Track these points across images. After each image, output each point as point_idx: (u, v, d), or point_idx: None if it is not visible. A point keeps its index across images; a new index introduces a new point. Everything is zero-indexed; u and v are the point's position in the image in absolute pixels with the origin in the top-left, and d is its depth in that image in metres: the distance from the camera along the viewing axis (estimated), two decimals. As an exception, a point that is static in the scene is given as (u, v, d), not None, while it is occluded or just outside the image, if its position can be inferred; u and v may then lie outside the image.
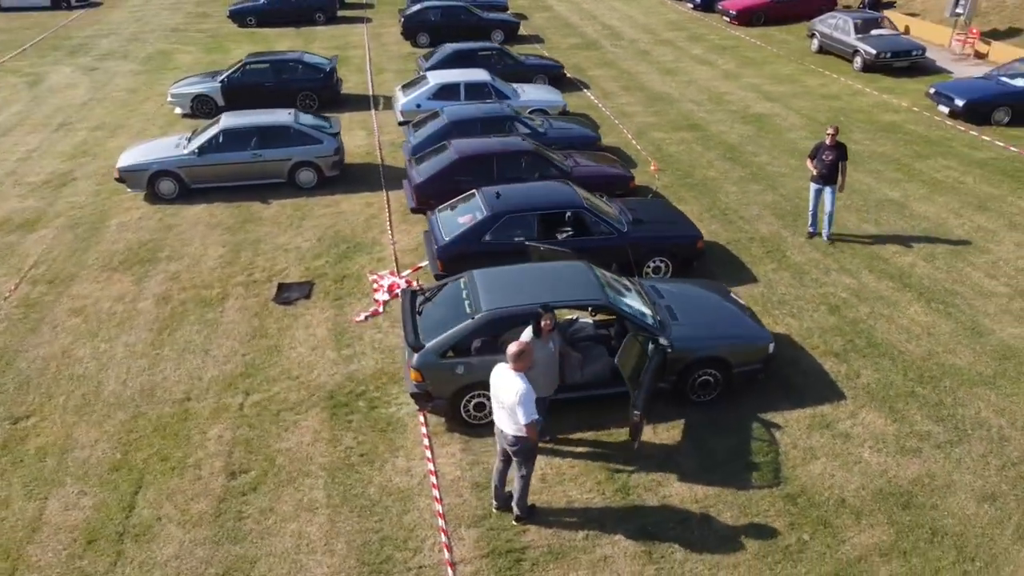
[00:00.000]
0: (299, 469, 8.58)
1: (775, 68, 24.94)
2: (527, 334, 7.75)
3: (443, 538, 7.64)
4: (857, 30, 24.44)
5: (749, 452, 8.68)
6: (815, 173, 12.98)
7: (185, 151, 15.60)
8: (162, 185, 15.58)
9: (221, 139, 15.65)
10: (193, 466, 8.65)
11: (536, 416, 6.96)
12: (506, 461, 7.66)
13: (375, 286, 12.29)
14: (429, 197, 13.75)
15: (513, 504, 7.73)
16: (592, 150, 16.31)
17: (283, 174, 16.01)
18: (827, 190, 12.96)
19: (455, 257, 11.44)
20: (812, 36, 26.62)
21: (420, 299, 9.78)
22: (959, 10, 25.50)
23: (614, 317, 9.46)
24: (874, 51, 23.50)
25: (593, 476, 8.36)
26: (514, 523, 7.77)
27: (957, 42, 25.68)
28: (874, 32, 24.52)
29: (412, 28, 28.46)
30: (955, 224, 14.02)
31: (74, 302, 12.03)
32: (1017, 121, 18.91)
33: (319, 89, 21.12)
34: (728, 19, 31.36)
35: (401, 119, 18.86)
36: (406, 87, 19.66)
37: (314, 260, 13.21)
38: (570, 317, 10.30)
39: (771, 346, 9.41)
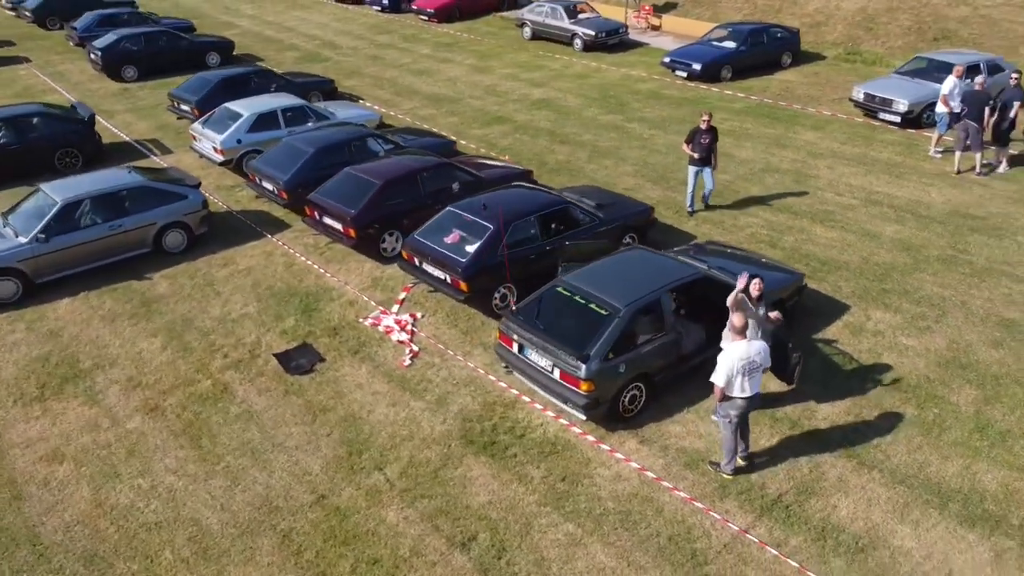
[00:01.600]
0: (522, 512, 8.22)
1: (513, 57, 26.95)
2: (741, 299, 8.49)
3: (715, 516, 8.09)
4: (569, 16, 27.45)
5: (839, 365, 10.38)
6: (696, 157, 14.10)
7: (24, 239, 12.50)
8: (1, 287, 12.35)
9: (65, 217, 12.83)
10: (415, 555, 7.78)
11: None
12: (741, 426, 8.35)
13: (384, 329, 11.52)
14: (367, 227, 13.08)
15: (727, 459, 8.50)
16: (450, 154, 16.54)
17: (148, 242, 13.67)
18: (706, 171, 14.44)
19: (479, 274, 11.27)
20: (523, 25, 29.14)
21: (527, 318, 9.69)
22: (629, -9, 29.95)
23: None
24: (593, 32, 26.71)
25: (759, 423, 9.34)
26: (733, 474, 8.52)
27: (635, 19, 30.14)
28: (582, 16, 27.78)
29: (114, 62, 24.90)
30: (776, 161, 17.27)
31: (33, 450, 9.37)
32: (736, 76, 23.30)
33: (81, 144, 17.87)
34: (426, 17, 32.64)
35: (222, 159, 17.00)
36: (208, 124, 17.63)
37: (279, 323, 11.81)
38: None
39: (804, 279, 11.20)
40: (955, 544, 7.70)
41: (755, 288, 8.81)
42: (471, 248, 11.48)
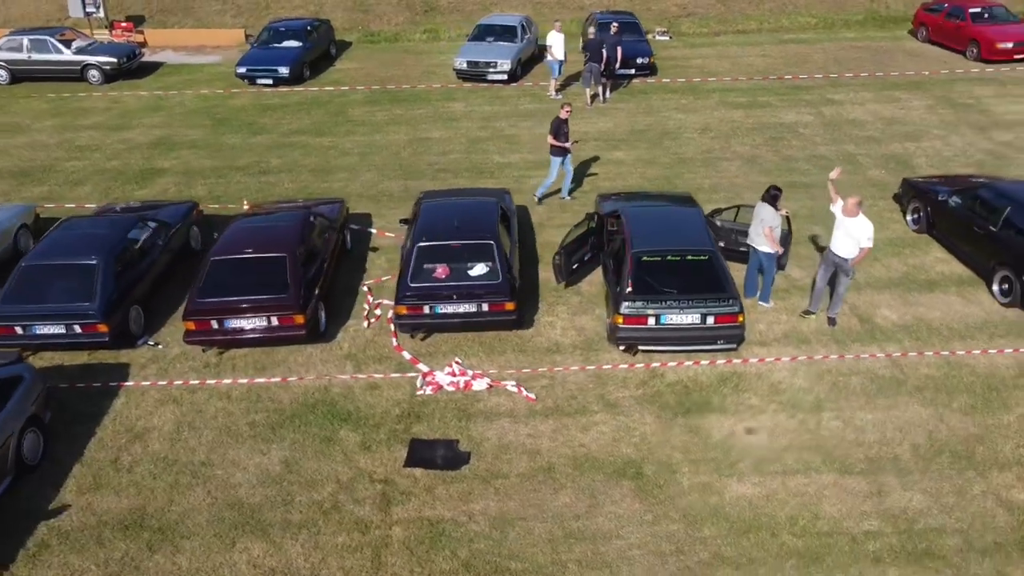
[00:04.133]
0: (805, 429, 9.57)
1: (30, 105, 21.40)
2: (769, 209, 10.87)
3: (880, 355, 10.76)
4: (66, 45, 22.88)
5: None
6: (567, 147, 14.61)
7: None
8: None
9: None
10: (823, 490, 8.60)
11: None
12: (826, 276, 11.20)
13: (452, 387, 10.38)
14: (308, 306, 10.98)
15: (834, 310, 11.32)
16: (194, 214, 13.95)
17: (10, 463, 8.87)
18: (567, 160, 14.94)
19: (512, 289, 10.99)
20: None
21: (651, 293, 10.36)
22: (91, 9, 26.04)
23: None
24: (115, 59, 22.95)
25: (780, 297, 12.13)
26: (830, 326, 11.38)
27: (115, 38, 26.35)
28: (80, 44, 23.36)
29: None
30: (475, 133, 19.01)
31: None
32: (312, 72, 23.45)
33: None
34: None
35: None
36: None
37: (337, 444, 9.54)
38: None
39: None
40: (971, 301, 11.89)
41: (780, 199, 11.35)
42: (488, 268, 11.06)
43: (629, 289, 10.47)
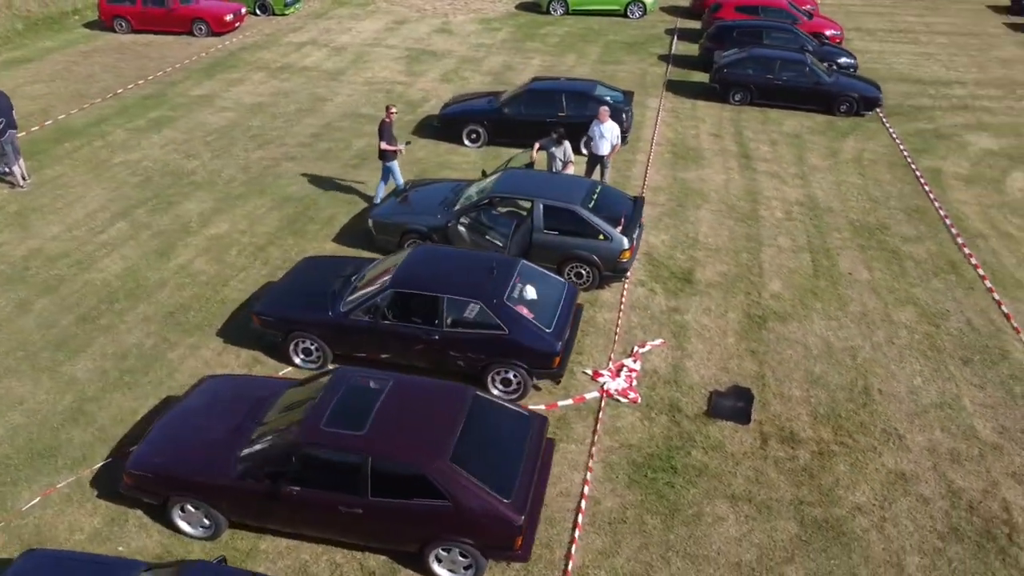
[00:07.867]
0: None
1: None
2: (567, 144, 13.88)
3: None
4: None
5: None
6: (400, 150, 14.37)
7: None
8: None
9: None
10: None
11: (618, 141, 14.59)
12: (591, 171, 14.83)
13: (629, 378, 10.46)
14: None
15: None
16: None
17: None
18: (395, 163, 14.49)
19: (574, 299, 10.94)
20: None
21: (628, 225, 12.11)
22: None
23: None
24: None
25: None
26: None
27: None
28: None
29: None
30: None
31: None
32: None
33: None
34: None
35: None
36: None
37: (706, 468, 9.22)
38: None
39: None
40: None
41: (558, 135, 13.87)
42: (548, 280, 10.81)
43: (621, 228, 12.03)
